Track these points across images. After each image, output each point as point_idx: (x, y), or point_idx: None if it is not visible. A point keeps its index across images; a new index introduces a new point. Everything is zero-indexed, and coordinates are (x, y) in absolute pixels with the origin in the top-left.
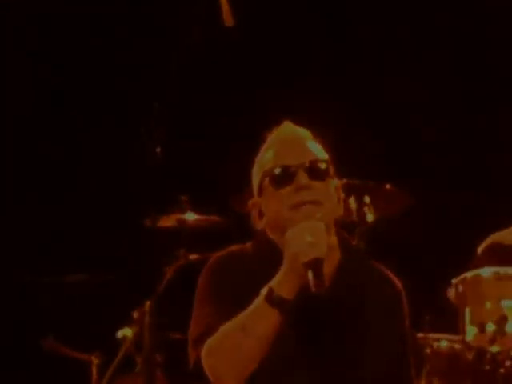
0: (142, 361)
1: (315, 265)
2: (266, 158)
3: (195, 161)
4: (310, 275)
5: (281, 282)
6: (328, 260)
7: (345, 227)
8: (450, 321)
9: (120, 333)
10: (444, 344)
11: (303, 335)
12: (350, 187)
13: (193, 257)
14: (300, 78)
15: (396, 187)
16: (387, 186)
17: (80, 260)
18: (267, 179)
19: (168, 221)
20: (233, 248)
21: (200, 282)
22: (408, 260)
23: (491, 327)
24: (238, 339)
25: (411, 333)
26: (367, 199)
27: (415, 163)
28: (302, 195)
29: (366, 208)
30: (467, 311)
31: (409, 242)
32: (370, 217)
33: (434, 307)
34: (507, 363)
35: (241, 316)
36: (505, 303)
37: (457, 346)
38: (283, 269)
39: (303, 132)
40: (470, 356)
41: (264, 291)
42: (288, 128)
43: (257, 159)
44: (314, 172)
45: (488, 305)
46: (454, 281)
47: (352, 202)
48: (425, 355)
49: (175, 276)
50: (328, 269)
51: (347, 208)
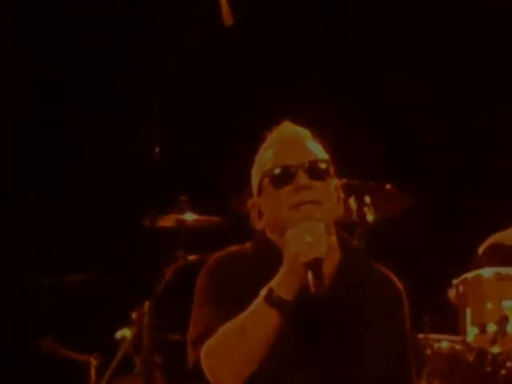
0: (141, 362)
1: (315, 265)
2: (266, 158)
3: (194, 161)
4: (310, 275)
5: (280, 283)
6: (328, 260)
7: (345, 227)
8: (451, 321)
9: (119, 334)
10: (445, 345)
11: (303, 336)
12: (350, 187)
13: (192, 257)
14: (300, 78)
15: (396, 187)
16: (387, 187)
17: (78, 260)
18: (267, 179)
19: (167, 221)
20: (232, 248)
21: (199, 283)
22: (408, 260)
23: (492, 328)
24: (238, 340)
25: (411, 333)
26: (367, 199)
27: (415, 164)
28: (302, 195)
29: (366, 208)
30: (468, 312)
31: (409, 243)
32: (370, 217)
33: (435, 308)
34: (508, 364)
35: (240, 317)
36: (506, 304)
37: (457, 347)
38: (283, 269)
39: (303, 132)
40: (471, 357)
41: (263, 292)
42: (288, 128)
43: (256, 159)
44: (314, 172)
45: (489, 305)
46: (455, 281)
47: (352, 202)
48: (425, 356)
49: (174, 277)
50: (328, 269)
51: (347, 208)
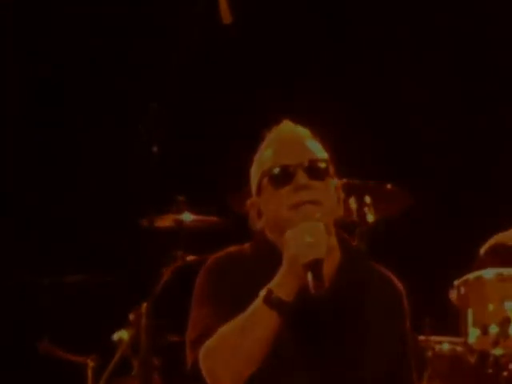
0: (139, 364)
1: (315, 266)
2: (265, 158)
3: (193, 161)
4: (310, 276)
5: (280, 284)
6: (328, 261)
7: (345, 228)
8: (452, 323)
9: (116, 335)
10: (446, 347)
11: (303, 336)
12: (350, 187)
13: (190, 258)
14: (300, 78)
15: (396, 187)
16: (388, 186)
17: (76, 261)
18: (266, 179)
19: (165, 221)
20: (231, 249)
21: (198, 284)
22: (409, 261)
23: (494, 329)
24: (237, 341)
25: (412, 335)
26: (368, 199)
27: (415, 163)
28: (302, 195)
29: (367, 208)
30: (469, 313)
31: (410, 243)
32: (371, 217)
33: (436, 309)
34: (510, 366)
35: (239, 318)
36: (508, 305)
37: (459, 349)
38: (282, 270)
39: (302, 131)
40: (473, 359)
41: (263, 293)
42: (287, 127)
43: (255, 158)
44: (314, 171)
45: (491, 307)
46: (456, 282)
47: (352, 202)
48: (426, 358)
49: (172, 277)
50: (328, 270)
51: (347, 208)
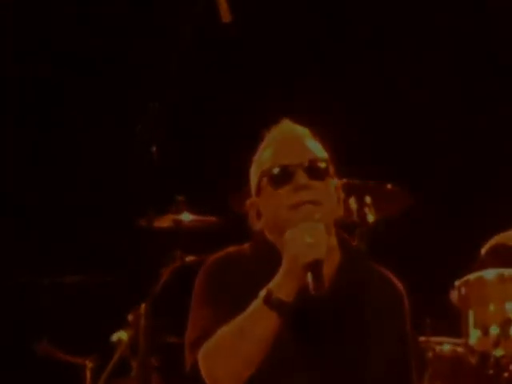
0: (138, 365)
1: (315, 266)
2: (265, 157)
3: (192, 160)
4: (310, 277)
5: (279, 284)
6: (328, 261)
7: (345, 228)
8: (453, 324)
9: (115, 336)
10: (447, 347)
11: (302, 337)
12: (351, 187)
13: (189, 258)
14: (300, 78)
15: (397, 187)
16: (388, 186)
17: (74, 261)
18: (265, 179)
19: (164, 221)
20: (230, 249)
21: (197, 284)
22: (409, 261)
23: (495, 330)
24: (236, 342)
25: (412, 336)
26: (368, 199)
27: (415, 163)
28: (301, 195)
29: (367, 208)
30: (470, 314)
31: (410, 243)
32: (371, 217)
33: (437, 310)
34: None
35: (239, 319)
36: (509, 306)
37: (460, 350)
38: (282, 270)
39: (302, 130)
40: (474, 360)
41: (262, 293)
42: (286, 126)
43: (255, 158)
44: (314, 171)
45: (492, 307)
46: (457, 283)
47: (352, 203)
48: (427, 359)
49: (171, 278)
50: (328, 270)
51: (347, 208)
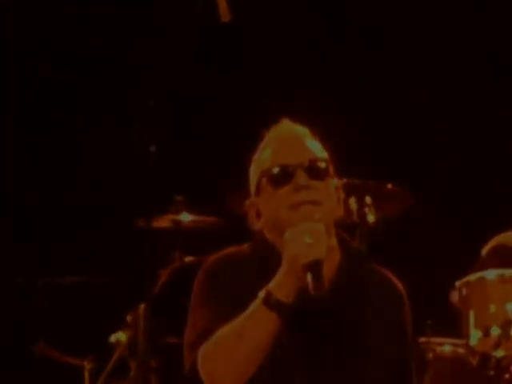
0: (136, 366)
1: (314, 267)
2: (264, 157)
3: (191, 160)
4: (309, 278)
5: (279, 285)
6: (328, 262)
7: (345, 228)
8: (454, 325)
9: (113, 337)
10: (447, 348)
11: (302, 338)
12: (351, 187)
13: (188, 259)
14: (300, 78)
15: (397, 187)
16: (388, 186)
17: (72, 262)
18: (265, 179)
19: (163, 222)
20: (229, 250)
21: (196, 285)
22: (409, 262)
23: (496, 331)
24: (235, 343)
25: (413, 336)
26: (368, 200)
27: (416, 163)
28: (301, 195)
29: (367, 209)
30: (471, 315)
31: (410, 243)
32: (371, 217)
33: (437, 311)
34: None
35: (238, 320)
36: (510, 306)
37: (460, 351)
38: (281, 271)
39: (302, 130)
40: (474, 361)
41: (262, 294)
42: (286, 126)
43: (254, 158)
44: (314, 171)
45: (492, 308)
46: (458, 283)
47: (352, 203)
48: (427, 360)
49: (170, 278)
50: (328, 271)
51: (347, 208)
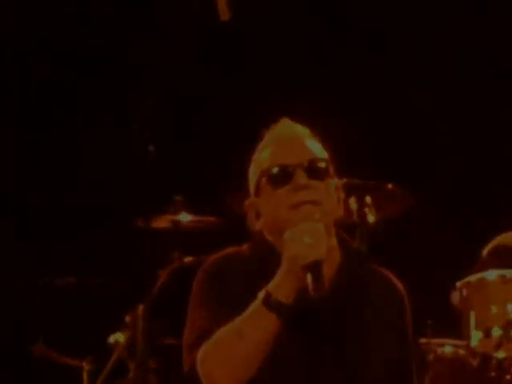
0: (135, 367)
1: (314, 267)
2: (263, 157)
3: (190, 160)
4: (309, 278)
5: (279, 286)
6: (327, 262)
7: (345, 228)
8: (454, 325)
9: (112, 338)
10: (448, 349)
11: (302, 339)
12: (351, 187)
13: (187, 259)
14: (301, 79)
15: (397, 187)
16: (389, 186)
17: (71, 262)
18: (264, 179)
19: (162, 222)
20: (229, 250)
21: (195, 286)
22: (410, 262)
23: (497, 332)
24: (235, 344)
25: (413, 337)
26: (368, 200)
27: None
28: (301, 195)
29: (367, 209)
30: (472, 315)
31: (411, 244)
32: (371, 218)
33: (438, 311)
34: None
35: (237, 320)
36: (511, 307)
37: (461, 352)
38: (281, 271)
39: (301, 129)
40: (475, 362)
41: (261, 295)
42: (286, 125)
43: (254, 158)
44: (313, 171)
45: (494, 309)
46: (458, 284)
47: (352, 203)
48: (428, 361)
49: (169, 279)
50: (328, 271)
51: (347, 208)
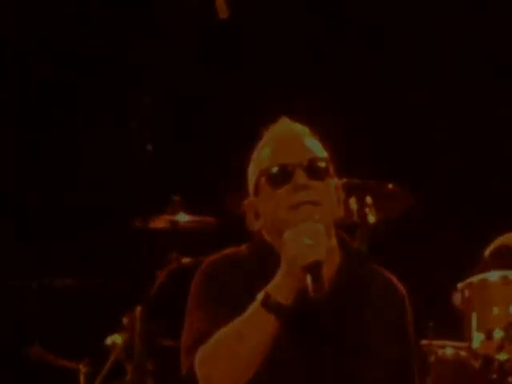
0: (133, 369)
1: (314, 268)
2: (263, 157)
3: (189, 160)
4: (309, 279)
5: (278, 287)
6: (327, 263)
7: (345, 228)
8: (456, 327)
9: (109, 339)
10: (449, 351)
11: (302, 340)
12: (351, 187)
13: (185, 260)
14: (300, 78)
15: (397, 187)
16: (389, 186)
17: (68, 262)
18: (264, 178)
19: (160, 222)
20: (227, 251)
21: (193, 287)
22: (411, 263)
23: (499, 334)
24: (233, 346)
25: (415, 339)
26: (369, 200)
27: (416, 163)
28: (301, 195)
29: (368, 209)
30: (474, 317)
31: (412, 244)
32: (372, 218)
33: (439, 313)
34: None
35: (236, 322)
36: None
37: (463, 354)
38: (280, 272)
39: (301, 129)
40: (477, 364)
41: (260, 296)
42: (285, 125)
43: (253, 157)
44: (313, 171)
45: (495, 310)
46: (460, 285)
47: (353, 203)
48: (429, 363)
49: (167, 280)
50: (327, 272)
51: (348, 209)
